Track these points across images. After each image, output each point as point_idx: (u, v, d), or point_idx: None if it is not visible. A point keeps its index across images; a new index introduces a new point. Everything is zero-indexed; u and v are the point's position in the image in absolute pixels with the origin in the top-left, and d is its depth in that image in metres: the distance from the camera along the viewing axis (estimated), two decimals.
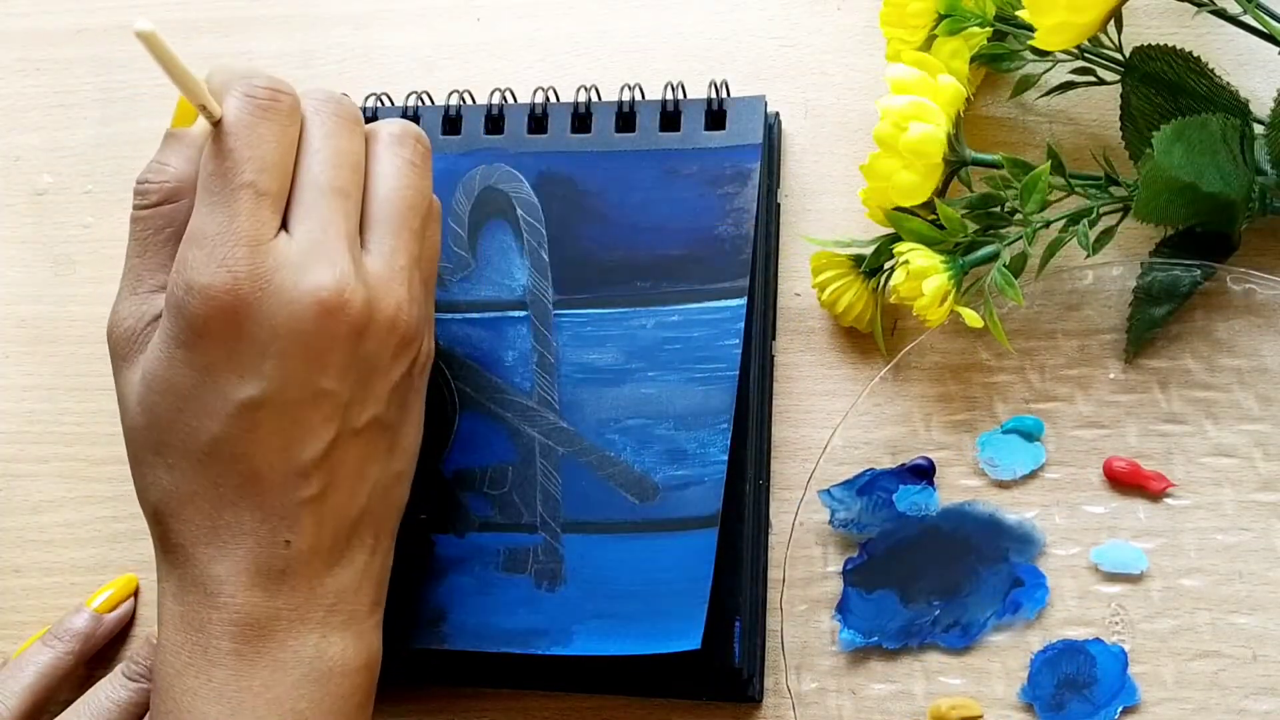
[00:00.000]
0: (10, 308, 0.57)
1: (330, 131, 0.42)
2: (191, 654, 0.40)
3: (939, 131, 0.44)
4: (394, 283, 0.42)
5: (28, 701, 0.49)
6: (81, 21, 0.60)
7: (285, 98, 0.41)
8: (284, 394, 0.40)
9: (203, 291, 0.39)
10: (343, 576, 0.42)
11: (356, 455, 0.42)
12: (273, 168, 0.40)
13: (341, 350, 0.40)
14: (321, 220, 0.40)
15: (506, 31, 0.56)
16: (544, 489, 0.47)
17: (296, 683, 0.40)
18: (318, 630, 0.41)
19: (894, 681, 0.47)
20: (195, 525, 0.41)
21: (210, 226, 0.39)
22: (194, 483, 0.40)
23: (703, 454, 0.46)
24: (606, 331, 0.48)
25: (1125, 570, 0.46)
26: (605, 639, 0.45)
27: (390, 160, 0.43)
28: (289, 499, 0.40)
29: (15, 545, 0.54)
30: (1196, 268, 0.47)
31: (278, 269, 0.39)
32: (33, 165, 0.58)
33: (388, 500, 0.44)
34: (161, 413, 0.41)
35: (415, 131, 0.44)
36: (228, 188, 0.39)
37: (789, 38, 0.54)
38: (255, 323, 0.39)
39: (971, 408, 0.49)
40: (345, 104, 0.43)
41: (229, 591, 0.40)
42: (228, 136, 0.40)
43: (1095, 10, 0.43)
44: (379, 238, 0.42)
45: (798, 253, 0.51)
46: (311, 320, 0.39)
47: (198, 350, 0.39)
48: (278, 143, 0.40)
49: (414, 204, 0.43)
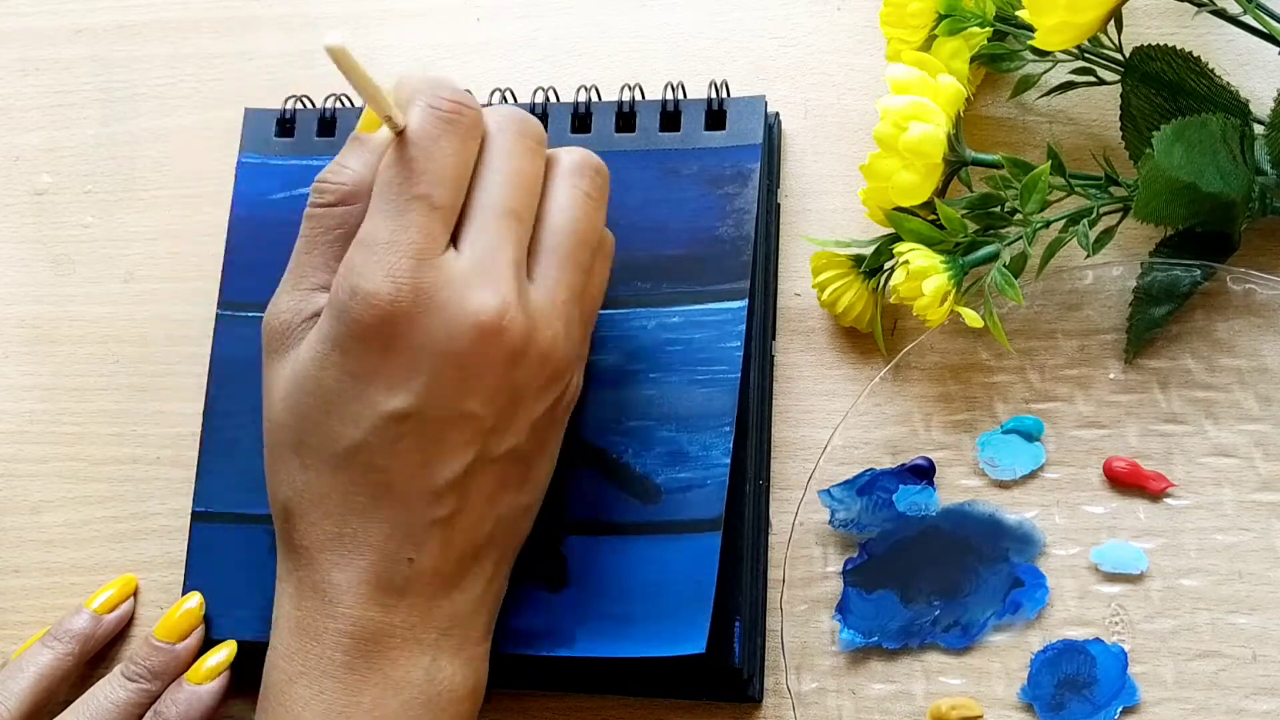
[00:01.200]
0: (10, 308, 0.57)
1: (510, 151, 0.41)
2: (305, 661, 0.40)
3: (939, 131, 0.44)
4: (554, 316, 0.41)
5: (27, 702, 0.49)
6: (81, 21, 0.60)
7: (469, 112, 0.41)
8: (430, 411, 0.40)
9: (366, 298, 0.39)
10: (460, 601, 0.42)
11: (491, 483, 0.42)
12: (449, 182, 0.40)
13: (492, 375, 0.40)
14: (491, 242, 0.40)
15: (506, 31, 0.56)
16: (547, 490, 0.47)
17: (406, 704, 0.40)
18: (430, 652, 0.41)
19: (894, 681, 0.47)
20: (321, 529, 0.41)
21: (381, 234, 0.39)
22: (327, 486, 0.40)
23: (705, 456, 0.46)
24: (607, 332, 0.48)
25: (1125, 570, 0.46)
26: (608, 641, 0.45)
27: (567, 190, 0.43)
28: (419, 516, 0.40)
29: (15, 545, 0.54)
30: (1196, 268, 0.47)
31: (442, 286, 0.39)
32: (33, 165, 0.58)
33: (512, 531, 0.44)
34: (306, 411, 0.41)
35: (596, 163, 0.44)
36: (403, 197, 0.39)
37: (789, 38, 0.54)
38: (412, 336, 0.39)
39: (971, 408, 0.49)
40: (530, 125, 0.42)
41: (347, 602, 0.40)
42: (408, 146, 0.40)
43: (1095, 10, 0.43)
44: (545, 268, 0.42)
45: (798, 253, 0.51)
46: (468, 342, 0.39)
47: (352, 355, 0.39)
48: (456, 157, 0.40)
49: (584, 237, 0.43)
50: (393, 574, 0.40)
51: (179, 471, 0.53)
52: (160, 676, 0.49)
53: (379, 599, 0.40)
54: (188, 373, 0.54)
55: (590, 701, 0.49)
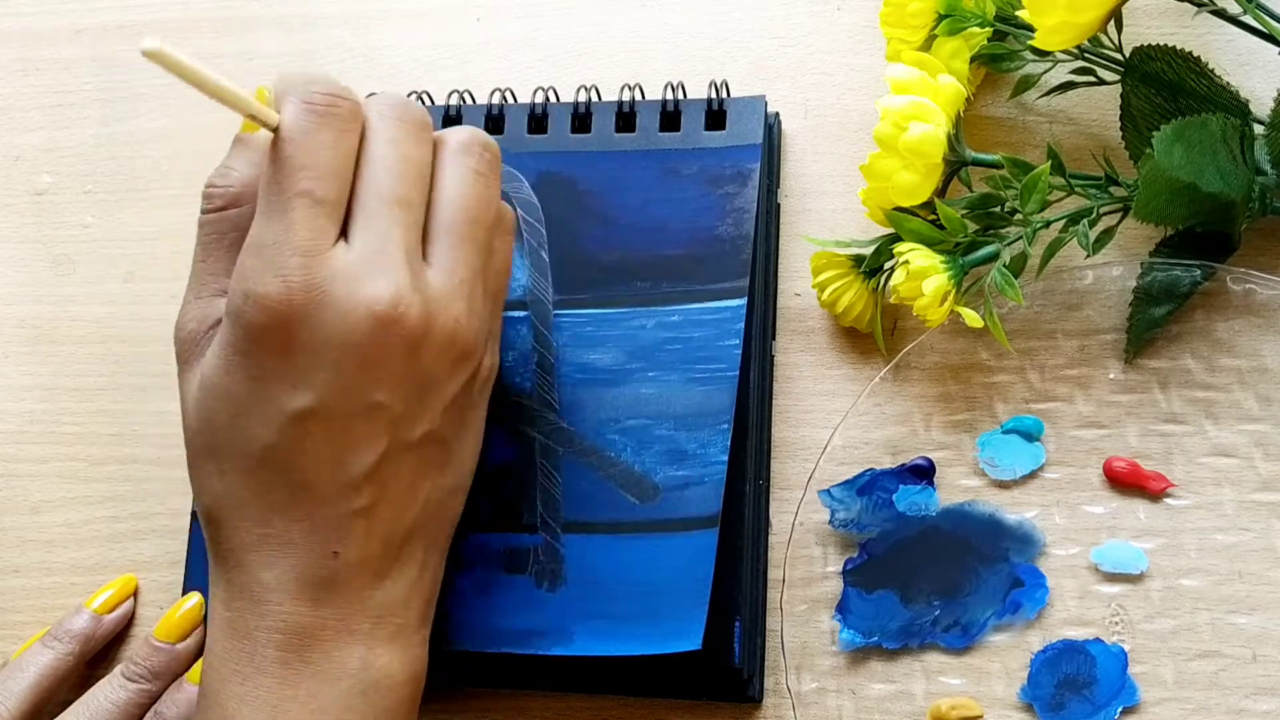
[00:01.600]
0: (10, 308, 0.57)
1: (394, 138, 0.41)
2: (238, 661, 0.40)
3: (939, 131, 0.44)
4: (454, 297, 0.41)
5: (28, 702, 0.49)
6: (81, 21, 0.60)
7: (344, 103, 0.40)
8: (335, 405, 0.39)
9: (258, 300, 0.39)
10: (391, 590, 0.42)
11: (409, 469, 0.41)
12: (330, 175, 0.40)
13: (395, 364, 0.40)
14: (380, 231, 0.40)
15: (506, 31, 0.56)
16: (544, 489, 0.47)
17: (342, 694, 0.40)
18: (364, 642, 0.41)
19: (894, 681, 0.47)
20: (245, 532, 0.41)
21: (267, 235, 0.39)
22: (245, 489, 0.40)
23: (703, 454, 0.46)
24: (606, 331, 0.48)
25: (1125, 570, 0.46)
26: (606, 639, 0.45)
27: (455, 169, 0.42)
28: (339, 510, 0.40)
29: (15, 545, 0.54)
30: (1196, 268, 0.47)
31: (333, 279, 0.39)
32: (33, 165, 0.58)
33: (440, 515, 0.43)
34: (216, 418, 0.41)
35: (483, 139, 0.43)
36: (284, 196, 0.39)
37: (789, 38, 0.54)
38: (309, 333, 0.39)
39: (971, 408, 0.49)
40: (412, 109, 0.42)
41: (276, 600, 0.40)
42: (284, 144, 0.39)
43: (1095, 10, 0.43)
44: (440, 249, 0.41)
45: (798, 253, 0.51)
46: (365, 333, 0.39)
47: (253, 358, 0.39)
48: (335, 149, 0.40)
49: (478, 215, 0.42)
50: (319, 569, 0.40)
51: (179, 471, 0.52)
52: (160, 677, 0.49)
53: (308, 594, 0.40)
54: None
55: (590, 701, 0.49)
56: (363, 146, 0.41)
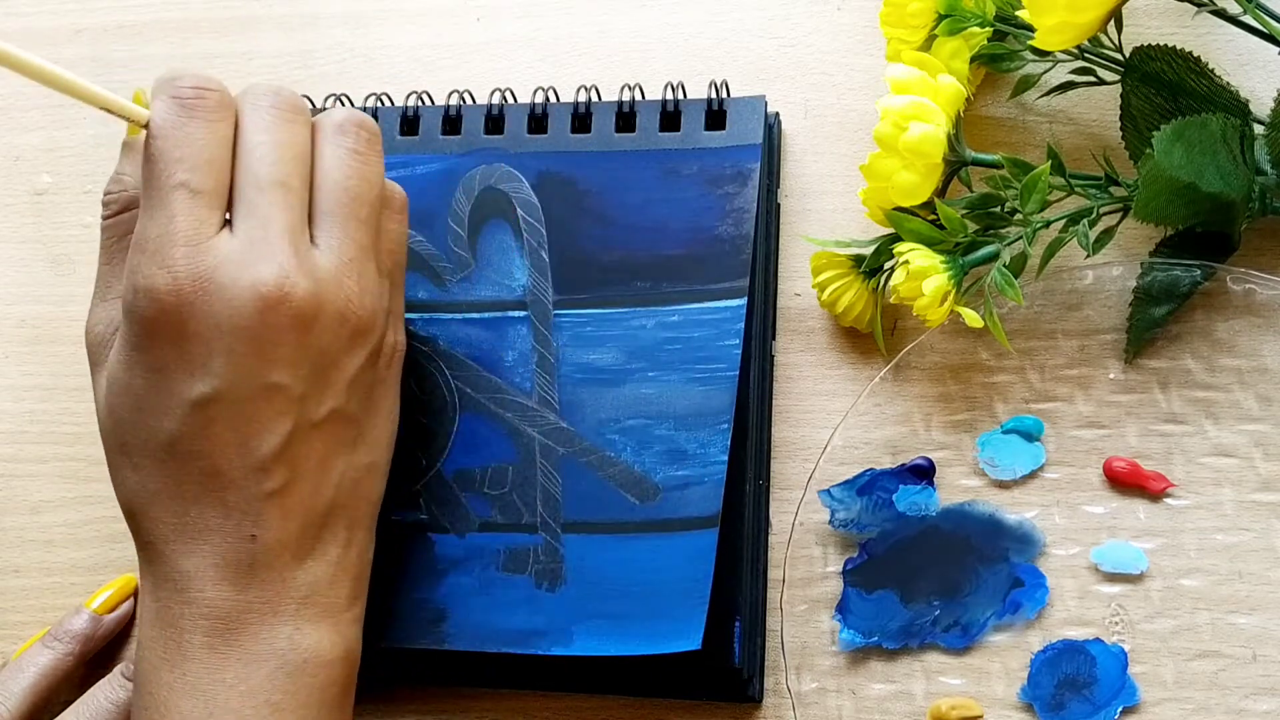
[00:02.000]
0: (10, 308, 0.57)
1: (267, 125, 0.42)
2: (166, 649, 0.41)
3: (939, 131, 0.44)
4: (342, 275, 0.42)
5: (28, 703, 0.49)
6: (81, 21, 0.59)
7: (211, 94, 0.41)
8: (234, 390, 0.40)
9: (148, 294, 0.39)
10: (314, 569, 0.42)
11: (319, 448, 0.42)
12: (205, 165, 0.40)
13: (288, 344, 0.40)
14: (262, 215, 0.41)
15: (506, 31, 0.56)
16: (544, 489, 0.47)
17: (270, 675, 0.41)
18: (290, 623, 0.41)
19: (894, 681, 0.47)
20: (163, 523, 0.41)
21: (151, 230, 0.40)
22: (158, 481, 0.41)
23: (703, 454, 0.46)
24: (606, 331, 0.48)
25: (1125, 570, 0.46)
26: (605, 639, 0.45)
27: (333, 150, 0.43)
28: (251, 493, 0.41)
29: (15, 545, 0.54)
30: (1196, 268, 0.47)
31: (218, 266, 0.39)
32: (33, 165, 0.58)
33: (358, 492, 0.44)
34: (123, 414, 0.41)
35: (359, 118, 0.44)
36: (161, 190, 0.40)
37: (789, 38, 0.54)
38: (199, 321, 0.39)
39: (971, 408, 0.49)
40: (285, 95, 0.43)
41: (198, 586, 0.41)
42: (155, 140, 0.40)
43: (1095, 10, 0.43)
44: (326, 230, 0.42)
45: (798, 253, 0.51)
46: (254, 315, 0.39)
47: (150, 352, 0.40)
48: (208, 140, 0.41)
49: (359, 193, 0.43)
50: (238, 553, 0.41)
51: None
52: None
53: (230, 579, 0.41)
54: None
55: (590, 701, 0.49)
56: (237, 136, 0.42)
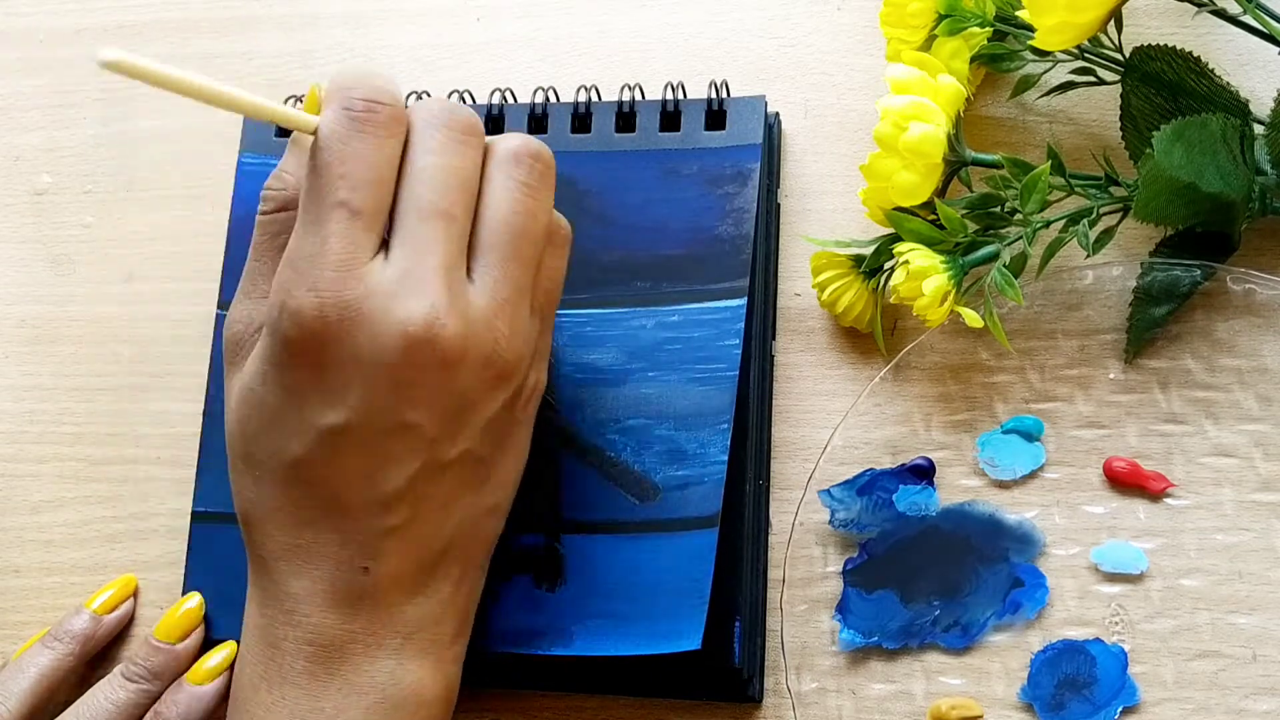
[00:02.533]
0: (10, 308, 0.57)
1: (437, 148, 0.40)
2: (266, 669, 0.40)
3: (939, 131, 0.44)
4: (494, 316, 0.40)
5: (28, 703, 0.49)
6: (81, 21, 0.60)
7: (383, 109, 0.39)
8: (367, 424, 0.39)
9: (293, 314, 0.38)
10: (424, 606, 0.41)
11: (445, 488, 0.41)
12: (367, 185, 0.38)
13: (429, 385, 0.39)
14: (419, 246, 0.39)
15: (506, 31, 0.56)
16: (544, 489, 0.47)
17: (369, 708, 0.40)
18: (394, 657, 0.41)
19: (894, 681, 0.47)
20: (277, 540, 0.41)
21: (305, 247, 0.39)
22: (278, 499, 0.40)
23: (703, 454, 0.46)
24: (606, 331, 0.48)
25: (1125, 570, 0.46)
26: (605, 639, 0.45)
27: (503, 181, 0.41)
28: (370, 527, 0.40)
29: (15, 545, 0.54)
30: (1196, 268, 0.47)
31: (368, 296, 0.38)
32: (33, 165, 0.58)
33: (477, 533, 0.43)
34: (251, 426, 0.41)
35: (535, 149, 0.41)
36: (320, 207, 0.38)
37: (789, 38, 0.54)
38: (341, 350, 0.38)
39: (971, 408, 0.49)
40: (459, 116, 0.40)
41: (305, 610, 0.40)
42: (321, 152, 0.39)
43: (1095, 10, 0.43)
44: (485, 266, 0.40)
45: (798, 253, 0.51)
46: (397, 354, 0.38)
47: (287, 371, 0.39)
48: (374, 158, 0.39)
49: (525, 230, 0.41)
50: (349, 583, 0.40)
51: (179, 471, 0.53)
52: (160, 677, 0.49)
53: (338, 607, 0.40)
54: (188, 373, 0.54)
55: (590, 701, 0.49)
56: (405, 156, 0.40)
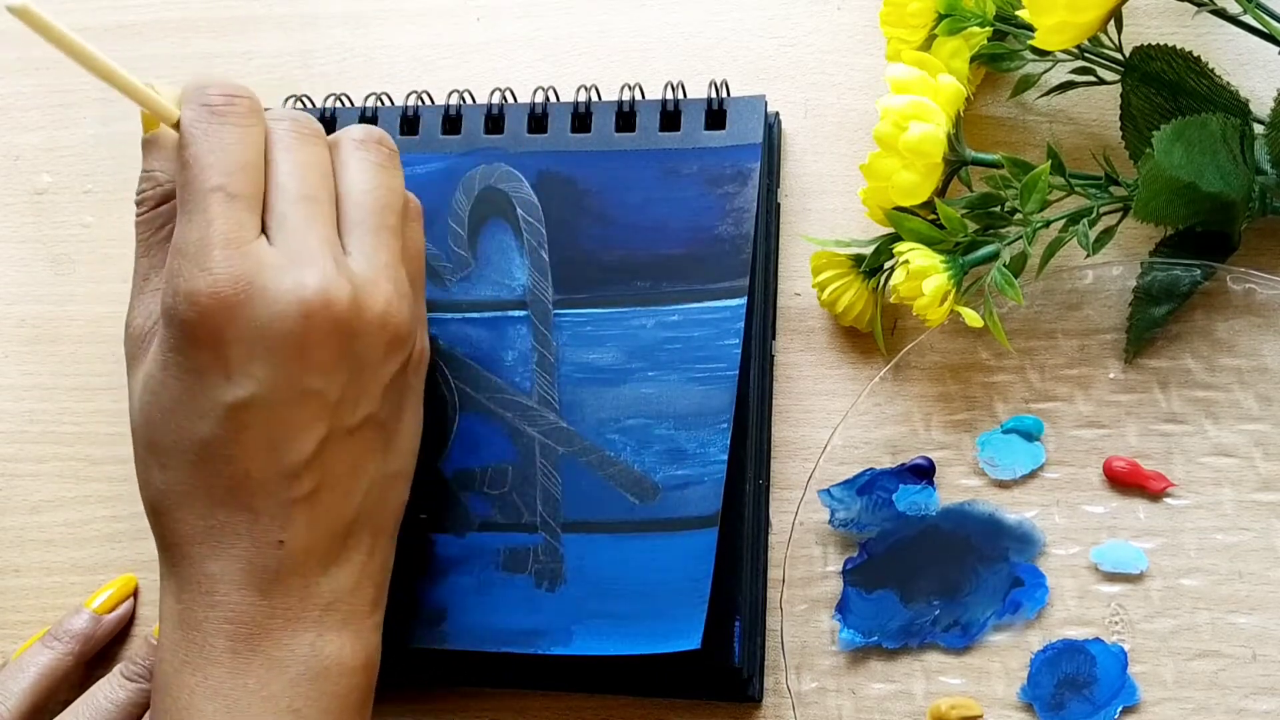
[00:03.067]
0: (10, 308, 0.57)
1: (289, 145, 0.42)
2: (189, 652, 0.41)
3: (939, 131, 0.44)
4: (380, 279, 0.42)
5: (27, 702, 0.49)
6: (81, 21, 0.59)
7: (241, 100, 0.42)
8: (271, 395, 0.40)
9: (188, 297, 0.39)
10: (339, 577, 0.42)
11: (350, 454, 0.42)
12: (240, 169, 0.41)
13: (329, 350, 0.40)
14: (296, 227, 0.41)
15: (506, 31, 0.56)
16: (544, 489, 0.47)
17: (293, 681, 0.41)
18: (313, 629, 0.41)
19: (894, 681, 0.47)
20: (189, 524, 0.41)
21: (190, 234, 0.40)
22: (186, 483, 0.41)
23: (703, 454, 0.46)
24: (606, 331, 0.48)
25: (1125, 570, 0.46)
26: (605, 639, 0.45)
27: (357, 164, 0.43)
28: (280, 499, 0.41)
29: (15, 545, 0.54)
30: (1196, 268, 0.47)
31: (259, 270, 0.40)
32: (33, 165, 0.58)
33: (385, 500, 0.44)
34: (155, 414, 0.41)
35: (378, 134, 0.44)
36: (197, 195, 0.40)
37: (789, 38, 0.54)
38: (240, 325, 0.39)
39: (971, 407, 0.49)
40: (301, 118, 0.43)
41: (223, 590, 0.41)
42: (188, 146, 0.41)
43: (1095, 10, 0.43)
44: (358, 238, 0.42)
45: (798, 253, 0.51)
46: (296, 320, 0.40)
47: (188, 354, 0.40)
48: (241, 144, 0.41)
49: (387, 202, 0.43)
50: (265, 559, 0.41)
51: None
52: None
53: (255, 584, 0.41)
54: None
55: (590, 701, 0.49)
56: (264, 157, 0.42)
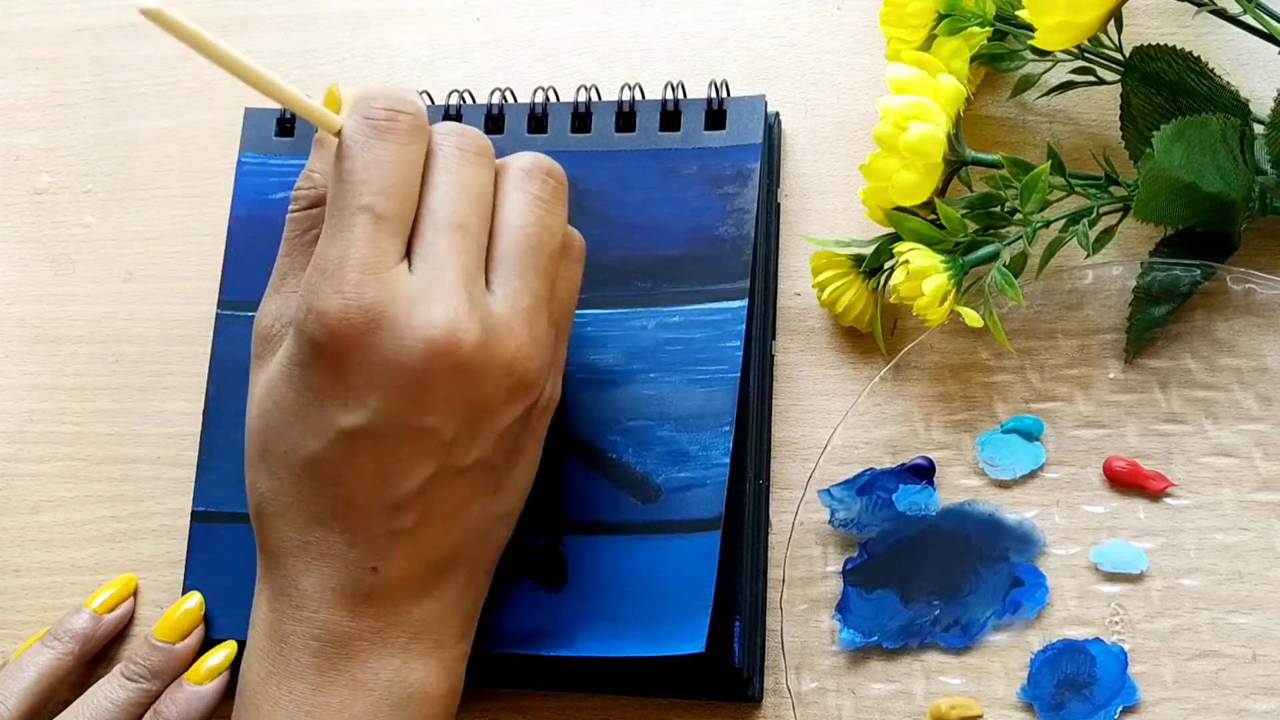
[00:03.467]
0: (10, 308, 0.57)
1: (451, 165, 0.41)
2: (275, 663, 0.41)
3: (939, 131, 0.44)
4: (515, 325, 0.41)
5: (27, 702, 0.49)
6: (81, 21, 0.60)
7: (405, 117, 0.40)
8: (385, 427, 0.39)
9: (319, 317, 0.39)
10: (430, 607, 0.42)
11: (456, 494, 0.41)
12: (390, 189, 0.39)
13: (449, 391, 0.40)
14: (439, 257, 0.40)
15: (506, 31, 0.56)
16: (545, 490, 0.47)
17: (375, 704, 0.41)
18: (399, 656, 0.41)
19: (894, 681, 0.47)
20: (287, 536, 0.41)
21: (331, 251, 0.39)
22: (290, 494, 0.41)
23: (705, 456, 0.46)
24: (607, 332, 0.48)
25: (1125, 570, 0.46)
26: (607, 640, 0.45)
27: (518, 196, 0.42)
28: (381, 528, 0.40)
29: (15, 545, 0.54)
30: (1196, 268, 0.47)
31: (392, 301, 0.39)
32: (33, 165, 0.58)
33: (486, 540, 0.43)
34: (271, 421, 0.41)
35: (548, 166, 0.43)
36: (345, 212, 0.39)
37: (789, 38, 0.54)
38: (364, 354, 0.39)
39: (971, 407, 0.49)
40: (470, 136, 0.42)
41: (313, 606, 0.41)
42: (344, 160, 0.40)
43: (1095, 10, 0.43)
44: (503, 277, 0.41)
45: (798, 253, 0.51)
46: (419, 359, 0.39)
47: (311, 371, 0.40)
48: (396, 164, 0.40)
49: (540, 242, 0.42)
50: (358, 582, 0.41)
51: (179, 471, 0.53)
52: (160, 676, 0.49)
53: (345, 605, 0.41)
54: (188, 373, 0.54)
55: (590, 701, 0.49)
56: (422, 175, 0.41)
